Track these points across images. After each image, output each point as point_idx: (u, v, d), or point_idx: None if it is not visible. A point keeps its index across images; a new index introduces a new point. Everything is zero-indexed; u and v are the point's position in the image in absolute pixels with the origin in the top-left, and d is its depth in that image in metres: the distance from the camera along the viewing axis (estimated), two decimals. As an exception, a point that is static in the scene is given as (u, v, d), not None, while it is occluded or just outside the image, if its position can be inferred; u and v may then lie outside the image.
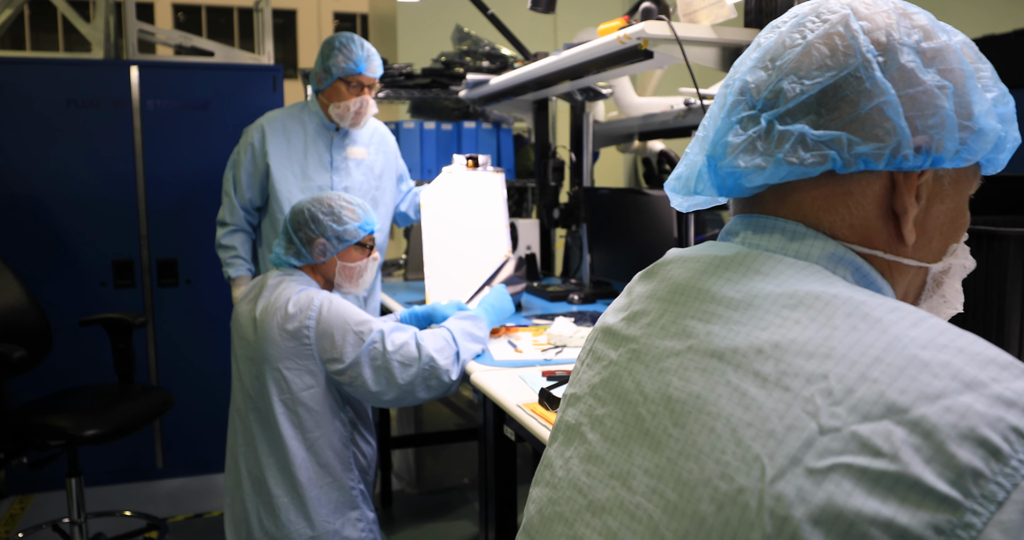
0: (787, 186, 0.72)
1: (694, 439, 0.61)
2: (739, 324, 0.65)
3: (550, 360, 2.08)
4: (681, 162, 0.80)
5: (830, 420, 0.56)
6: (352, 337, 2.01)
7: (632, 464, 0.66)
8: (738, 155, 0.71)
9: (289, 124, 2.88)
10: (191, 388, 3.70)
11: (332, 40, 2.76)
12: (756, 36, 0.78)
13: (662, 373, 0.67)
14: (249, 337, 2.10)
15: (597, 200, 2.97)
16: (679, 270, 0.74)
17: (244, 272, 2.86)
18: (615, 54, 2.27)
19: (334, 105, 2.79)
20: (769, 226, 0.73)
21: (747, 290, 0.67)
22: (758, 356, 0.61)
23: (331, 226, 2.16)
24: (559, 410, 0.82)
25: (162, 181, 3.62)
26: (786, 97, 0.70)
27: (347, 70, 2.73)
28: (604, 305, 2.95)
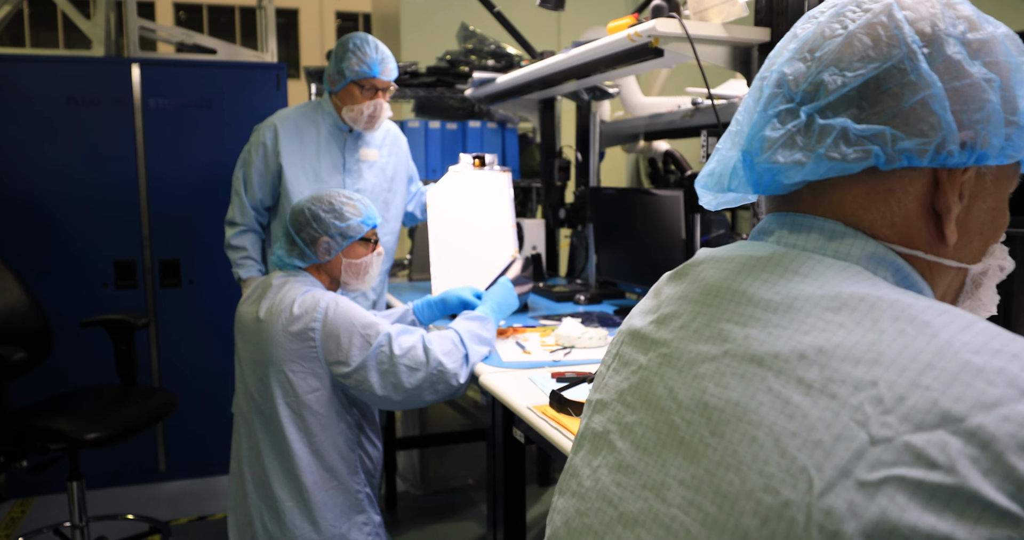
0: (826, 183, 0.69)
1: (734, 449, 0.58)
2: (779, 328, 0.62)
3: (559, 361, 2.05)
4: (712, 158, 0.77)
5: (881, 430, 0.53)
6: (359, 340, 1.98)
7: (666, 474, 0.63)
8: (776, 150, 0.68)
9: (302, 124, 2.84)
10: (194, 390, 3.67)
11: (346, 41, 2.71)
12: (792, 28, 0.75)
13: (697, 379, 0.64)
14: (253, 339, 2.07)
15: (603, 200, 2.94)
16: (712, 271, 0.71)
17: (255, 273, 2.83)
18: (625, 52, 2.24)
19: (347, 108, 2.75)
20: (806, 225, 0.69)
21: (786, 292, 0.64)
22: (801, 362, 0.58)
23: (334, 223, 2.13)
24: (583, 416, 0.79)
25: (164, 180, 3.59)
26: (827, 90, 0.66)
27: (360, 73, 2.69)
28: (611, 306, 2.92)
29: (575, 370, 1.93)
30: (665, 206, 2.53)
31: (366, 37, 2.74)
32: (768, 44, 2.14)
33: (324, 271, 2.18)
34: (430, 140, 4.05)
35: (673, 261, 2.50)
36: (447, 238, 2.71)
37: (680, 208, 2.44)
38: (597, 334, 2.21)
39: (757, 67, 2.18)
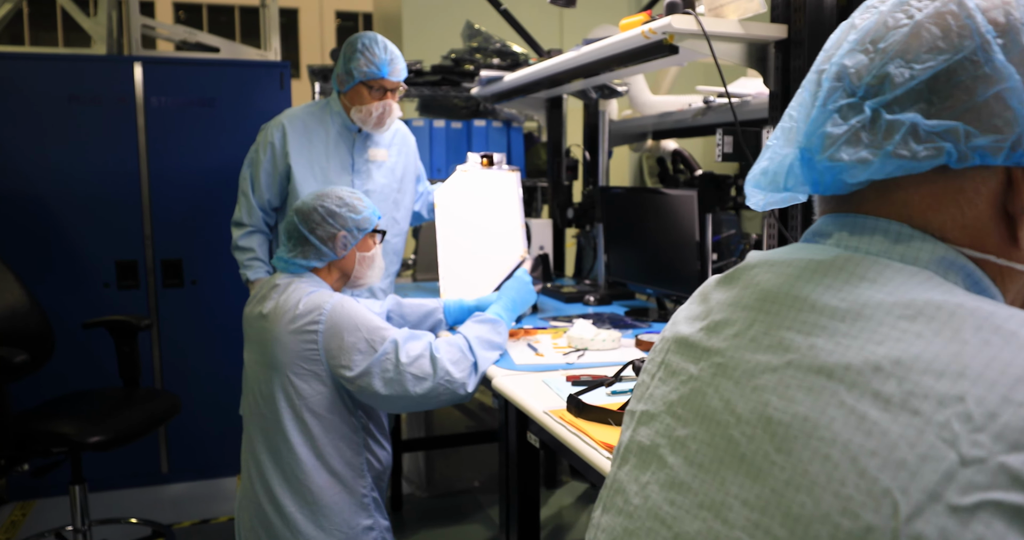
0: (891, 183, 0.65)
1: (804, 468, 0.54)
2: (848, 337, 0.58)
3: (573, 364, 2.01)
4: (763, 156, 0.73)
5: (972, 449, 0.49)
6: (363, 344, 1.94)
7: (726, 493, 0.59)
8: (839, 147, 0.64)
9: (310, 124, 2.80)
10: (197, 391, 3.62)
11: (355, 41, 2.67)
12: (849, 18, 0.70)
13: (757, 391, 0.60)
14: (257, 339, 2.03)
15: (613, 199, 2.90)
16: (767, 275, 0.67)
17: (263, 274, 2.79)
18: (638, 49, 2.20)
19: (356, 109, 2.70)
20: (869, 227, 0.65)
21: (853, 299, 0.60)
22: (876, 374, 0.54)
23: (351, 217, 2.10)
24: (625, 428, 0.75)
25: (167, 180, 3.55)
26: (893, 83, 0.62)
27: (369, 74, 2.64)
28: (621, 306, 2.88)
29: (590, 373, 1.89)
30: (678, 206, 2.50)
31: (375, 37, 2.69)
32: (785, 41, 2.10)
33: (336, 268, 2.15)
34: (435, 139, 4.01)
35: (687, 262, 2.46)
36: (455, 238, 2.67)
37: (694, 208, 2.40)
38: (610, 336, 2.17)
39: (774, 64, 2.14)
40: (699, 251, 2.40)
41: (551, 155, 3.59)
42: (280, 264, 2.14)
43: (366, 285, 2.24)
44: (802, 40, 2.05)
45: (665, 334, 0.76)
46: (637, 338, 2.21)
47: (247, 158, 2.83)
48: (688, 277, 2.46)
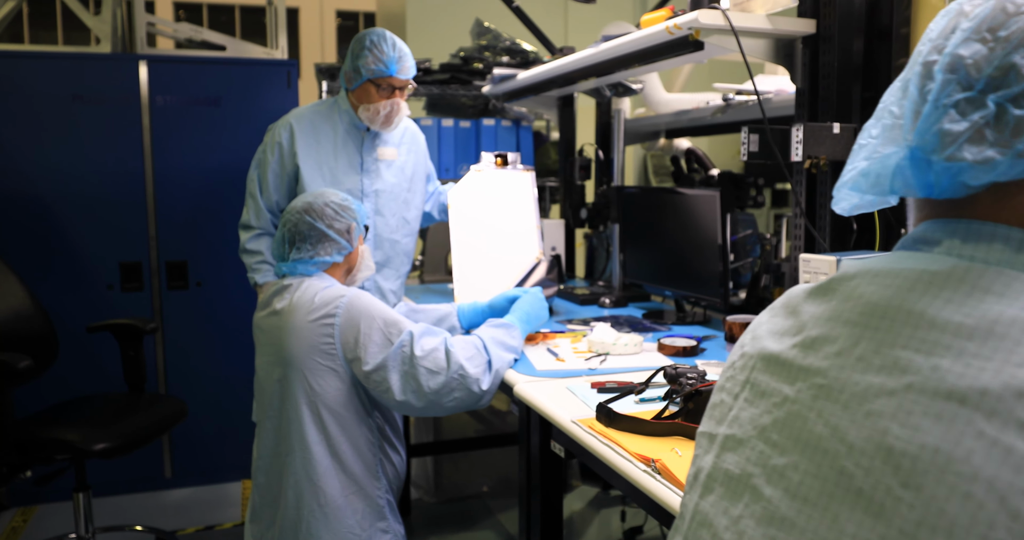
0: (1011, 185, 0.58)
1: (940, 507, 0.48)
2: (980, 358, 0.51)
3: (595, 370, 1.95)
4: (856, 155, 0.66)
5: None
6: (379, 336, 1.89)
7: (841, 532, 0.52)
8: (961, 146, 0.57)
9: (318, 123, 2.74)
10: (201, 395, 3.56)
11: (362, 38, 2.61)
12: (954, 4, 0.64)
13: (871, 417, 0.54)
14: (270, 338, 1.97)
15: (629, 199, 2.84)
16: (871, 287, 0.61)
17: (272, 277, 2.73)
18: (661, 46, 2.14)
19: (363, 107, 2.64)
20: (986, 234, 0.59)
21: (980, 314, 0.53)
22: (1020, 401, 0.48)
23: (357, 210, 2.11)
24: (702, 452, 0.68)
25: (172, 180, 3.48)
26: (1020, 75, 0.56)
27: (377, 72, 2.58)
28: (637, 309, 2.82)
29: (615, 379, 1.83)
30: (699, 206, 2.43)
31: (383, 33, 2.63)
32: (813, 36, 2.04)
33: (348, 262, 2.12)
34: (443, 139, 3.95)
35: (708, 263, 2.40)
36: (469, 240, 2.60)
37: (716, 209, 2.34)
38: (632, 340, 2.11)
39: (801, 60, 2.08)
40: (721, 252, 2.34)
41: (563, 154, 3.53)
42: (293, 268, 2.07)
43: (360, 280, 2.20)
44: (831, 35, 1.99)
45: (746, 349, 0.69)
46: (660, 342, 2.14)
47: (254, 159, 2.77)
48: (709, 278, 2.40)
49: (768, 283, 2.57)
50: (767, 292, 2.56)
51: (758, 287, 2.62)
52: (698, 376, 1.48)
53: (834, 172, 1.98)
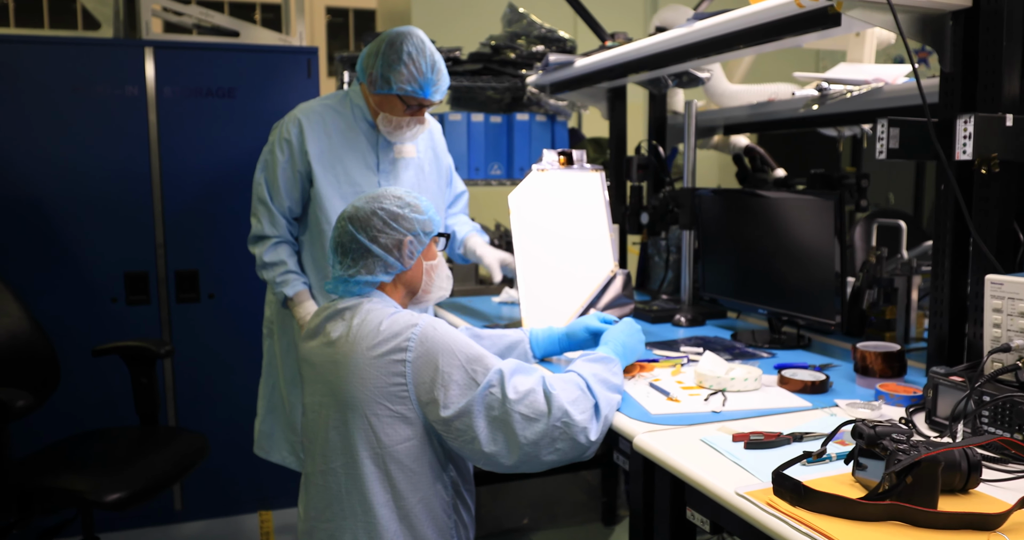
0: None
1: None
2: None
3: (720, 413, 1.61)
4: None
5: None
6: (462, 376, 1.54)
7: None
8: None
9: (329, 118, 2.42)
10: (215, 421, 3.20)
11: (398, 45, 2.27)
12: None
13: None
14: (326, 375, 1.63)
15: (707, 203, 2.50)
16: None
17: (302, 286, 2.39)
18: (783, 22, 1.81)
19: (384, 117, 2.36)
20: None
21: None
22: None
23: (415, 218, 1.74)
24: None
25: (181, 180, 3.13)
26: None
27: (410, 92, 2.30)
28: (717, 328, 2.49)
29: (757, 428, 1.50)
30: (803, 212, 2.10)
31: (421, 46, 2.30)
32: (968, 11, 1.71)
33: (401, 283, 1.76)
34: (472, 135, 3.63)
35: (817, 278, 2.07)
36: (536, 252, 2.26)
37: (831, 215, 2.01)
38: (749, 374, 1.78)
39: (951, 39, 1.75)
40: (839, 266, 2.01)
41: (616, 152, 3.19)
42: (339, 287, 1.73)
43: (433, 301, 1.86)
44: (998, 9, 1.66)
45: None
46: (780, 375, 1.81)
47: (260, 161, 2.45)
48: (820, 295, 2.07)
49: (876, 300, 2.24)
50: (876, 311, 2.23)
51: (860, 305, 2.29)
52: (906, 438, 1.15)
53: (1006, 173, 1.65)
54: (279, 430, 2.54)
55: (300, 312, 2.37)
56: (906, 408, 1.61)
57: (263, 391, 2.59)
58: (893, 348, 1.84)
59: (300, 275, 2.43)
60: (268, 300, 2.59)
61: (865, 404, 1.64)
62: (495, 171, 3.67)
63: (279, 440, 2.54)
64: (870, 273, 2.28)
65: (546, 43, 3.71)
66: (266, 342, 2.59)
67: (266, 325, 2.58)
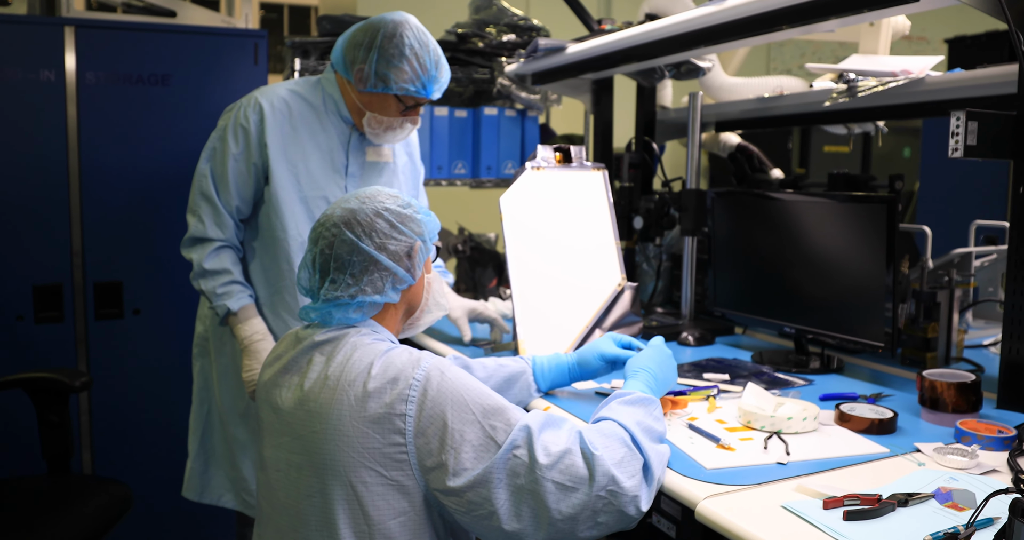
0: None
1: None
2: None
3: (789, 465, 1.30)
4: None
5: None
6: (477, 435, 1.20)
7: None
8: None
9: (297, 108, 2.08)
10: (145, 468, 2.76)
11: (400, 38, 1.95)
12: None
13: None
14: (295, 428, 1.27)
15: (719, 207, 2.21)
16: None
17: (248, 300, 2.03)
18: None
19: (372, 117, 2.04)
20: None
21: None
22: None
23: (423, 220, 1.42)
24: None
25: (104, 178, 2.70)
26: None
27: (411, 91, 1.99)
28: (730, 348, 2.19)
29: (835, 484, 1.20)
30: (845, 220, 1.82)
31: (426, 42, 1.99)
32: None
33: (405, 301, 1.42)
34: (435, 130, 3.29)
35: (861, 293, 1.79)
36: (533, 262, 1.93)
37: (881, 222, 1.73)
38: (806, 411, 1.47)
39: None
40: (891, 280, 1.72)
41: (602, 149, 2.88)
42: (331, 313, 1.36)
43: (425, 325, 1.52)
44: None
45: None
46: (839, 411, 1.52)
47: (206, 150, 2.08)
48: (864, 313, 1.79)
49: (916, 316, 1.96)
50: (916, 328, 1.96)
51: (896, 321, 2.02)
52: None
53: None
54: (216, 467, 2.16)
55: (244, 331, 2.00)
56: (1010, 454, 1.32)
57: (195, 422, 2.21)
58: (966, 378, 1.56)
59: (247, 287, 2.06)
60: (201, 314, 2.22)
61: (955, 449, 1.35)
62: (459, 170, 3.34)
63: (216, 478, 2.17)
64: (903, 284, 2.01)
65: (517, 32, 3.39)
66: (197, 364, 2.21)
67: (198, 343, 2.21)
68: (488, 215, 3.67)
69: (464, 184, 3.36)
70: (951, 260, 2.28)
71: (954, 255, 2.29)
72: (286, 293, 2.08)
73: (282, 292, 2.08)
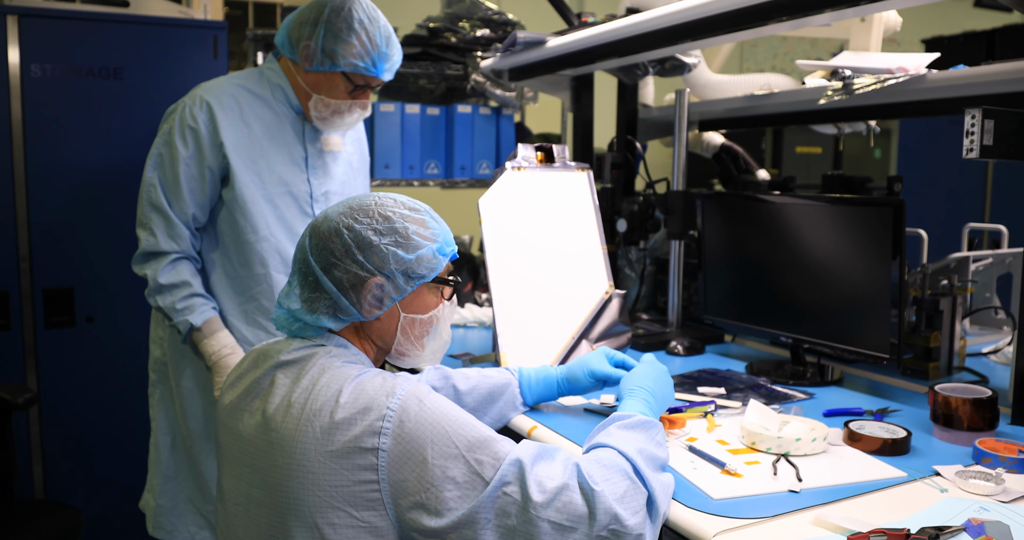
0: None
1: None
2: None
3: (801, 493, 1.19)
4: None
5: None
6: (461, 471, 1.06)
7: None
8: None
9: (246, 102, 1.95)
10: (99, 491, 2.59)
11: (349, 10, 1.85)
12: None
13: None
14: (256, 460, 1.13)
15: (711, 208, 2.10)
16: None
17: (212, 313, 1.90)
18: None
19: (319, 100, 1.92)
20: None
21: None
22: None
23: (395, 254, 1.21)
24: None
25: (53, 179, 2.54)
26: None
27: (360, 68, 1.87)
28: (721, 357, 2.08)
29: (855, 515, 1.08)
30: (847, 223, 1.71)
31: (374, 11, 1.89)
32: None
33: (367, 334, 1.26)
34: (406, 128, 3.15)
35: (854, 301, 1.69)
36: (515, 268, 1.81)
37: (888, 226, 1.62)
38: (814, 431, 1.36)
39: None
40: (898, 288, 1.62)
41: (582, 149, 2.76)
42: (285, 318, 1.24)
43: (413, 366, 1.37)
44: None
45: None
46: (848, 429, 1.41)
47: (152, 157, 1.93)
48: (866, 322, 1.69)
49: (917, 325, 1.86)
50: (917, 337, 1.86)
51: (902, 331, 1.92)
52: None
53: None
54: (186, 502, 2.01)
55: (212, 345, 1.86)
56: (1039, 480, 1.22)
57: (157, 454, 2.04)
58: (982, 393, 1.45)
59: (209, 299, 1.92)
60: (156, 337, 2.06)
61: (978, 473, 1.24)
62: (432, 170, 3.22)
63: (187, 514, 2.01)
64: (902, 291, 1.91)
65: (492, 26, 3.27)
66: (156, 392, 2.05)
67: (155, 369, 2.04)
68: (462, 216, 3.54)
69: (437, 184, 3.23)
70: (948, 265, 2.19)
71: (950, 259, 2.20)
72: (263, 299, 1.94)
73: (258, 298, 1.94)
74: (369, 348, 1.27)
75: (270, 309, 1.95)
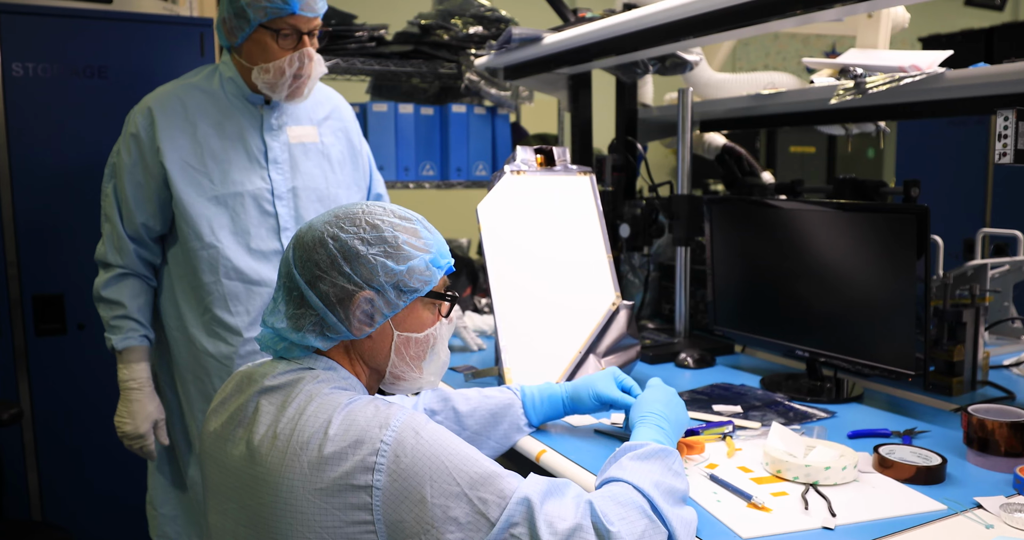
0: None
1: None
2: None
3: (835, 530, 1.11)
4: None
5: None
6: (464, 511, 0.98)
7: None
8: None
9: (192, 101, 1.87)
10: (98, 508, 2.50)
11: None
12: None
13: None
14: (241, 496, 1.05)
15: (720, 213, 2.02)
16: None
17: (137, 342, 1.86)
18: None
19: (259, 69, 1.81)
20: None
21: None
22: None
23: (383, 265, 1.12)
24: None
25: (38, 182, 2.44)
26: None
27: (272, 11, 1.75)
28: (732, 370, 2.01)
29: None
30: (867, 231, 1.63)
31: None
32: None
33: (359, 355, 1.17)
34: (400, 129, 3.07)
35: (893, 320, 1.61)
36: (517, 279, 1.72)
37: (912, 234, 1.54)
38: (845, 459, 1.29)
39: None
40: (924, 300, 1.55)
41: (581, 151, 2.68)
42: (270, 338, 1.16)
43: (410, 391, 1.27)
44: None
45: None
46: (879, 455, 1.33)
47: (107, 167, 1.90)
48: (890, 336, 1.61)
49: (939, 337, 1.79)
50: (940, 350, 1.78)
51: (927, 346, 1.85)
52: None
53: None
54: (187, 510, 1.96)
55: (122, 374, 1.87)
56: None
57: (155, 465, 2.00)
58: (1019, 415, 1.38)
59: (140, 326, 1.88)
60: None
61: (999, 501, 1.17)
62: (427, 171, 3.14)
63: (188, 522, 1.97)
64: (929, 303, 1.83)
65: (485, 23, 3.18)
66: None
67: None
68: (459, 219, 3.46)
69: (432, 186, 3.15)
70: (965, 272, 2.12)
71: (968, 267, 2.12)
72: (216, 308, 1.86)
73: (211, 308, 1.86)
74: (361, 371, 1.18)
75: (226, 321, 1.87)
